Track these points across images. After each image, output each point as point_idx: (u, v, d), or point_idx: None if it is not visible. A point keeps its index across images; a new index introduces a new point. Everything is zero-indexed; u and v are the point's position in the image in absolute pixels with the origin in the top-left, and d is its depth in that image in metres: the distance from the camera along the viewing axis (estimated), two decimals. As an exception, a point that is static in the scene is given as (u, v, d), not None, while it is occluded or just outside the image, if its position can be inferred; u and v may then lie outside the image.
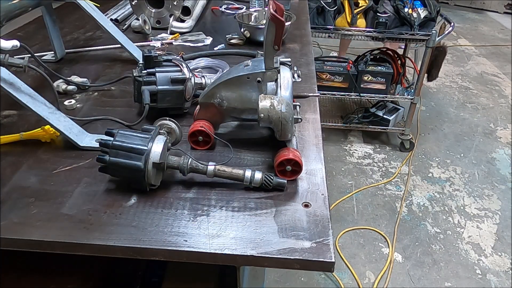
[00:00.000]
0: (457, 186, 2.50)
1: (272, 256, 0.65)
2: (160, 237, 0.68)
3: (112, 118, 0.99)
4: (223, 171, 0.77)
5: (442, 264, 1.97)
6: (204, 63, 1.29)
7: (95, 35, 1.59)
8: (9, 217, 0.71)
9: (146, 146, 0.73)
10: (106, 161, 0.73)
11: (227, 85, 0.86)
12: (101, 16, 1.28)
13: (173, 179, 0.81)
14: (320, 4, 2.48)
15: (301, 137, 0.95)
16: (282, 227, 0.70)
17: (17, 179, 0.80)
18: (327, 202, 0.76)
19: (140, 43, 1.48)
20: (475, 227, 2.19)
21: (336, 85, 2.67)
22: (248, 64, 0.87)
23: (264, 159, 0.87)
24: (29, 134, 0.91)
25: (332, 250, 0.65)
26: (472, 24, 5.52)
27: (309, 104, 1.09)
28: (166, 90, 0.96)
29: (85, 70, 1.29)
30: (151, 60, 0.97)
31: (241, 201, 0.76)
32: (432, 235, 2.13)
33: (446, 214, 2.28)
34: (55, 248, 0.68)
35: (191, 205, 0.75)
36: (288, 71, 0.88)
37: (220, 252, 0.65)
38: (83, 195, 0.76)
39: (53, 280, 0.89)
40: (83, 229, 0.69)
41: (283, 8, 0.83)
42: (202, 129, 0.87)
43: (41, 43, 1.48)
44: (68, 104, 1.06)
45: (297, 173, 0.81)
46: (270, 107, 0.78)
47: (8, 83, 0.84)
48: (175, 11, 1.62)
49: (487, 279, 1.89)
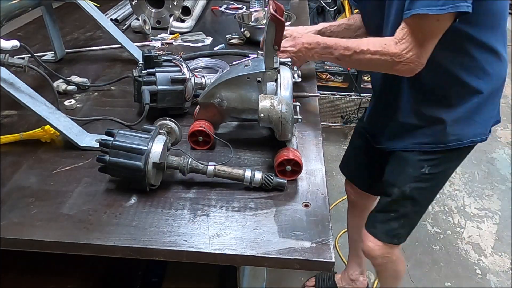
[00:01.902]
0: (457, 186, 2.50)
1: (272, 256, 0.65)
2: (160, 237, 0.68)
3: (112, 118, 0.99)
4: (223, 171, 0.77)
5: (442, 264, 1.96)
6: (204, 63, 1.29)
7: (95, 35, 1.59)
8: (9, 217, 0.71)
9: (146, 146, 0.73)
10: (106, 161, 0.73)
11: (227, 85, 0.86)
12: (101, 16, 1.28)
13: (173, 179, 0.81)
14: (320, 4, 2.49)
15: (301, 137, 0.95)
16: (282, 227, 0.70)
17: (17, 179, 0.80)
18: (327, 202, 0.76)
19: (140, 43, 1.48)
20: (475, 227, 2.19)
21: (336, 85, 2.67)
22: (248, 64, 0.87)
23: (264, 159, 0.87)
24: (29, 134, 0.91)
25: (332, 250, 0.65)
26: (472, 24, 5.52)
27: (309, 104, 1.09)
28: (166, 90, 0.96)
29: (85, 70, 1.29)
30: (151, 60, 0.97)
31: (241, 201, 0.76)
32: (432, 235, 2.13)
33: (446, 214, 2.27)
34: (55, 248, 0.68)
35: (191, 205, 0.75)
36: (288, 71, 0.88)
37: (220, 252, 0.65)
38: (83, 195, 0.76)
39: (53, 280, 0.89)
40: (83, 229, 0.69)
41: (283, 8, 0.83)
42: (202, 129, 0.87)
43: (41, 43, 1.48)
44: (68, 104, 1.06)
45: (297, 173, 0.81)
46: (270, 107, 0.78)
47: (8, 83, 0.84)
48: (175, 11, 1.62)
49: (487, 279, 1.89)
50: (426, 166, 1.13)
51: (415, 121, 1.10)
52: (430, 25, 0.87)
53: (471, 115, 1.06)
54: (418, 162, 1.14)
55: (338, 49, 0.97)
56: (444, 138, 1.08)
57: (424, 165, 1.13)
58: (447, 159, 1.14)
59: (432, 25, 0.87)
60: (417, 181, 1.16)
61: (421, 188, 1.17)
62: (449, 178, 1.24)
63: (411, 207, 1.21)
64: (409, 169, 1.16)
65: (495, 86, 1.06)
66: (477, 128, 1.08)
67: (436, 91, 1.05)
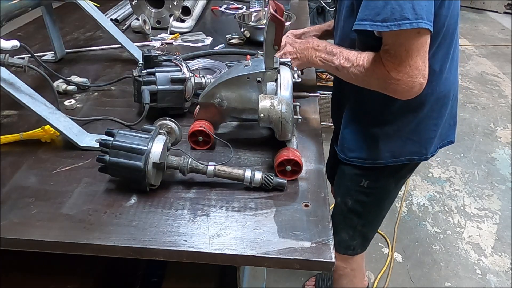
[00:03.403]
0: (457, 186, 2.50)
1: (272, 256, 0.65)
2: (160, 237, 0.68)
3: (112, 118, 0.99)
4: (223, 171, 0.77)
5: (442, 264, 1.96)
6: (202, 64, 1.29)
7: (95, 35, 1.59)
8: (9, 217, 0.71)
9: (146, 146, 0.73)
10: (106, 161, 0.73)
11: (227, 85, 0.86)
12: (101, 16, 1.28)
13: (173, 179, 0.81)
14: (320, 4, 2.48)
15: (301, 137, 0.95)
16: (282, 227, 0.70)
17: (17, 179, 0.80)
18: (327, 202, 0.76)
19: (140, 43, 1.48)
20: (475, 227, 2.19)
21: (336, 85, 2.67)
22: (248, 64, 0.87)
23: (264, 159, 0.87)
24: (29, 134, 0.91)
25: (332, 250, 0.65)
26: (472, 24, 5.52)
27: (309, 104, 1.09)
28: (166, 89, 0.96)
29: (85, 70, 1.29)
30: (151, 60, 0.97)
31: (241, 201, 0.76)
32: (432, 235, 2.13)
33: (446, 214, 2.27)
34: (55, 248, 0.68)
35: (191, 205, 0.75)
36: (288, 71, 0.88)
37: (220, 252, 0.65)
38: (83, 195, 0.76)
39: (53, 280, 0.89)
40: (83, 229, 0.69)
41: (283, 8, 0.83)
42: (202, 129, 0.87)
43: (41, 43, 1.48)
44: (68, 104, 1.06)
45: (297, 173, 0.81)
46: (270, 107, 0.78)
47: (8, 83, 0.84)
48: (175, 11, 1.62)
49: (487, 279, 1.89)
50: (364, 180, 1.10)
51: (353, 133, 1.07)
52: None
53: (407, 133, 1.03)
54: (356, 176, 1.11)
55: (339, 58, 0.92)
56: (378, 155, 1.05)
57: (361, 179, 1.10)
58: (385, 175, 1.10)
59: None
60: (358, 195, 1.13)
61: (363, 202, 1.15)
62: (396, 192, 1.20)
63: (357, 220, 1.18)
64: (347, 182, 1.14)
65: (432, 106, 1.01)
66: (413, 147, 1.05)
67: (371, 104, 1.01)
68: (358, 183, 1.11)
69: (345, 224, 1.20)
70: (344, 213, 1.18)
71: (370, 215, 1.20)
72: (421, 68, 0.83)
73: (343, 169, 1.14)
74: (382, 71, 0.85)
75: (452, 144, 1.16)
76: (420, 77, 0.83)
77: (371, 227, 1.24)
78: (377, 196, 1.15)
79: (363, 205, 1.16)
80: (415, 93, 0.86)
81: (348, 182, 1.14)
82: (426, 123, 1.03)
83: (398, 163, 1.06)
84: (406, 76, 0.83)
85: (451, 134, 1.12)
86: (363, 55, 0.89)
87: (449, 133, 1.12)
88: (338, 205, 1.20)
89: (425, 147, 1.06)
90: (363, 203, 1.15)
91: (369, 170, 1.09)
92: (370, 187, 1.11)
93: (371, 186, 1.11)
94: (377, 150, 1.05)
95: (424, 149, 1.06)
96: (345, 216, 1.19)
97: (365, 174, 1.10)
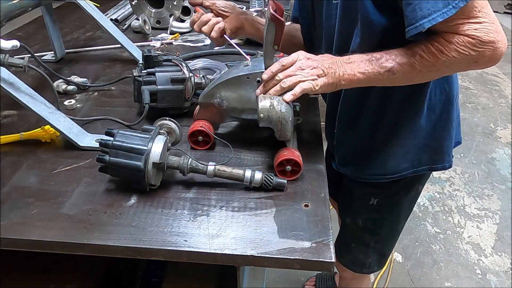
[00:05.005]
0: (457, 186, 2.50)
1: (272, 256, 0.65)
2: (160, 237, 0.68)
3: (112, 118, 0.99)
4: (223, 171, 0.77)
5: (442, 264, 1.96)
6: (202, 64, 1.29)
7: (95, 35, 1.59)
8: (9, 217, 0.71)
9: (146, 146, 0.73)
10: (106, 161, 0.73)
11: (227, 85, 0.86)
12: (101, 16, 1.28)
13: (173, 179, 0.81)
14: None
15: (301, 137, 0.95)
16: (282, 227, 0.70)
17: (17, 179, 0.80)
18: (327, 202, 0.76)
19: (140, 43, 1.48)
20: (475, 227, 2.19)
21: (336, 85, 2.66)
22: (248, 64, 0.87)
23: (264, 159, 0.87)
24: (29, 134, 0.91)
25: (332, 250, 0.65)
26: (472, 24, 5.51)
27: (309, 104, 1.09)
28: (166, 89, 0.96)
29: (85, 70, 1.29)
30: (151, 60, 0.97)
31: (241, 201, 0.76)
32: (432, 235, 2.13)
33: (446, 214, 2.27)
34: (55, 248, 0.68)
35: (191, 205, 0.75)
36: (288, 71, 0.88)
37: (220, 252, 0.65)
38: (83, 195, 0.76)
39: (53, 280, 0.89)
40: (83, 229, 0.69)
41: (283, 8, 0.83)
42: (202, 129, 0.87)
43: (41, 43, 1.48)
44: (68, 104, 1.06)
45: (297, 173, 0.81)
46: (270, 107, 0.78)
47: (8, 83, 0.84)
48: (175, 11, 1.62)
49: (487, 279, 1.89)
50: (373, 199, 1.03)
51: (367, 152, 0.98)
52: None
53: (423, 139, 0.95)
54: (364, 196, 1.04)
55: (389, 60, 0.75)
56: (397, 167, 0.97)
57: (370, 198, 1.03)
58: (395, 189, 1.02)
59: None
60: (368, 213, 1.07)
61: (375, 219, 1.08)
62: (409, 206, 1.11)
63: (370, 237, 1.12)
64: (356, 202, 1.07)
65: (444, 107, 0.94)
66: (434, 154, 0.97)
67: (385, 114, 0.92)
68: (368, 202, 1.05)
69: (357, 243, 1.15)
70: (356, 232, 1.13)
71: (385, 230, 1.12)
72: (497, 20, 0.71)
73: (351, 189, 1.08)
74: (471, 42, 0.70)
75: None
76: (501, 30, 0.71)
77: (386, 243, 1.17)
78: (389, 211, 1.08)
79: (375, 223, 1.10)
80: (505, 47, 0.72)
81: (357, 202, 1.08)
82: (442, 125, 0.96)
83: (418, 173, 0.99)
84: (496, 33, 0.70)
85: (457, 134, 1.06)
86: (423, 42, 0.73)
87: (456, 134, 1.05)
88: (347, 225, 1.13)
89: (447, 153, 0.99)
90: (375, 221, 1.09)
91: (381, 187, 1.01)
92: (380, 204, 1.05)
93: (381, 203, 1.05)
94: (394, 162, 0.97)
95: (447, 155, 0.99)
96: (357, 235, 1.14)
97: (374, 192, 1.03)
